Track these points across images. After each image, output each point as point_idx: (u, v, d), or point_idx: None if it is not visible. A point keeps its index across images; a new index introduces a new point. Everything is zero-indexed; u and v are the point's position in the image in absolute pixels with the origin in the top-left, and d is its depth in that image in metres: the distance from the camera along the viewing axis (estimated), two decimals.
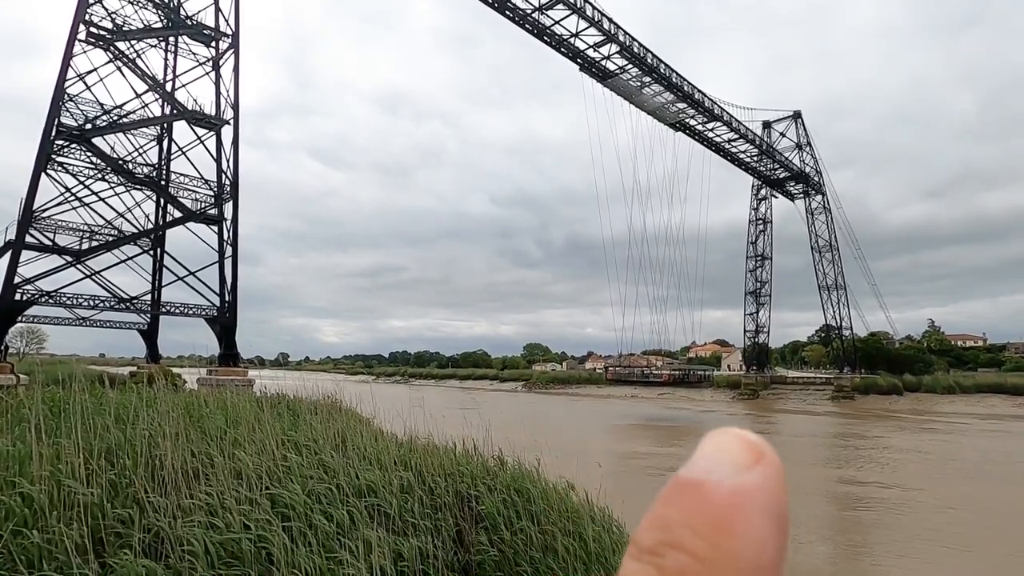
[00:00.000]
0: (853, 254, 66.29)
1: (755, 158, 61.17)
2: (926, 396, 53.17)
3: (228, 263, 28.85)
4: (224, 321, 28.34)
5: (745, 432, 0.35)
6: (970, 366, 69.47)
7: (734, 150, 58.68)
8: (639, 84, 46.32)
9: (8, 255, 23.97)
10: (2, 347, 23.73)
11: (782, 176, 64.35)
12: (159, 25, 29.18)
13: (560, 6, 37.75)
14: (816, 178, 65.40)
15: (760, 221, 66.52)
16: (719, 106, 52.43)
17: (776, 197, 66.86)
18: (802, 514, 13.89)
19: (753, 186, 66.83)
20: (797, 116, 65.82)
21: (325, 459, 5.89)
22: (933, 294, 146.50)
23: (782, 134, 65.67)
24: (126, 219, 29.29)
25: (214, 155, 29.32)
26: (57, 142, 25.29)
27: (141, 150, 30.02)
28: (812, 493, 16.04)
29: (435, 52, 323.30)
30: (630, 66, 44.07)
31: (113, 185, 28.52)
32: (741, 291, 67.10)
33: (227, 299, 28.60)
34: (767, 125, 65.62)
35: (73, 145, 25.97)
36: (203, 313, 28.54)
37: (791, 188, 66.03)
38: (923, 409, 47.69)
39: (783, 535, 0.32)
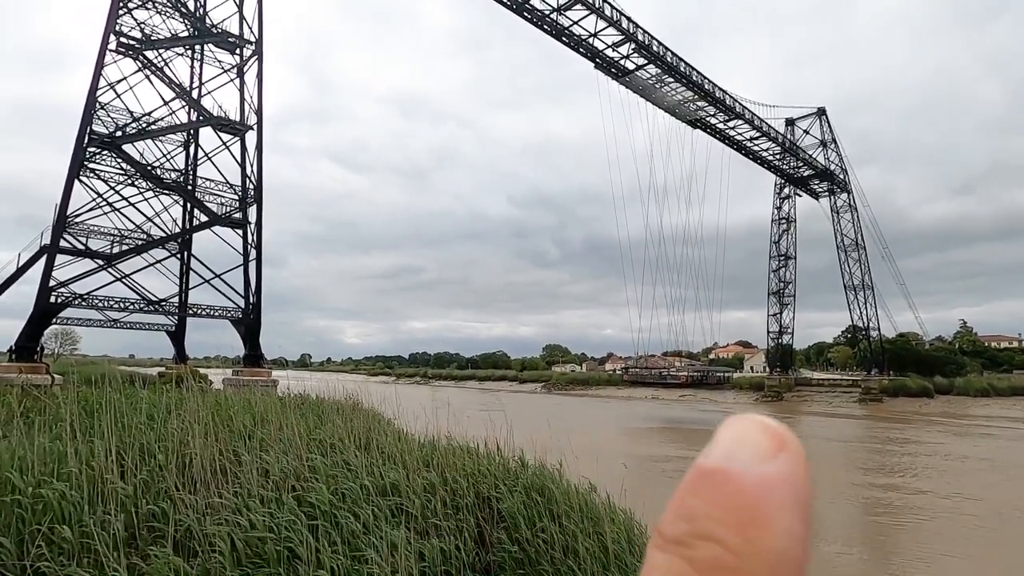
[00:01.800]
0: (880, 253, 64.74)
1: (778, 156, 60.18)
2: (958, 399, 51.63)
3: (252, 266, 29.40)
4: (249, 323, 28.87)
5: (766, 419, 0.34)
6: (1005, 368, 67.22)
7: (756, 148, 57.82)
8: (658, 83, 45.96)
9: (43, 259, 24.77)
10: (38, 348, 24.52)
11: (806, 174, 63.18)
12: (186, 34, 29.89)
13: (578, 6, 37.65)
14: (841, 176, 64.08)
15: (783, 220, 65.38)
16: (740, 104, 51.72)
17: (800, 195, 65.68)
18: (855, 528, 13.62)
19: (776, 184, 65.75)
20: (821, 113, 64.58)
21: (349, 459, 5.98)
22: (965, 293, 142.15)
23: (805, 131, 64.51)
24: (155, 223, 30.10)
25: (239, 160, 29.93)
26: (89, 149, 26.05)
27: (169, 156, 30.79)
28: (850, 500, 15.71)
29: (449, 53, 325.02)
30: (649, 65, 43.75)
31: (142, 190, 29.30)
32: (764, 291, 66.06)
33: (251, 301, 29.13)
34: (790, 122, 64.53)
35: (104, 152, 26.74)
36: (228, 315, 29.12)
37: (815, 186, 64.79)
38: (956, 412, 46.34)
39: (808, 528, 0.31)
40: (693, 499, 0.31)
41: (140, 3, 28.12)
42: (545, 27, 39.25)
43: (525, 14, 38.02)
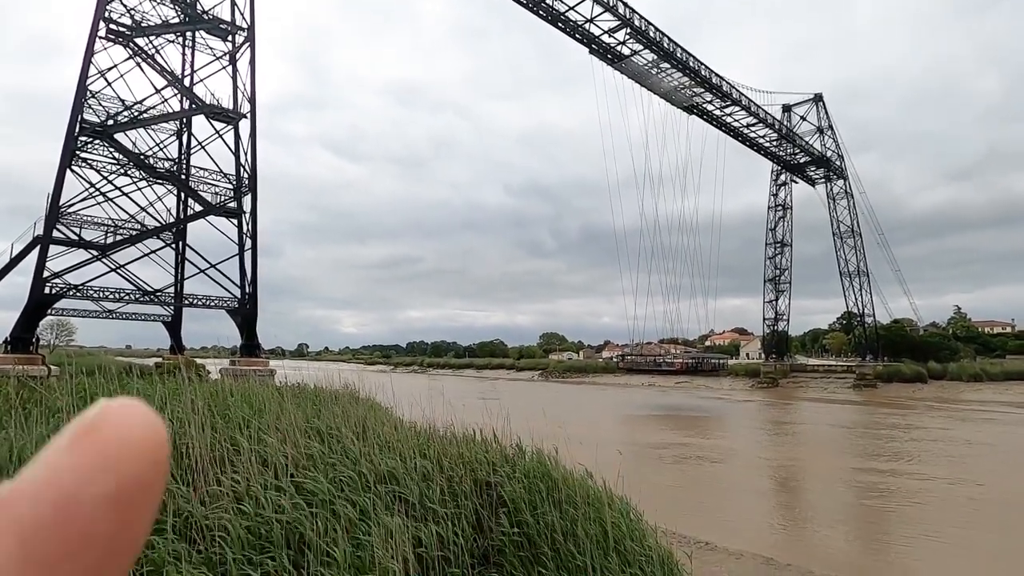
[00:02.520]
0: (876, 240, 64.96)
1: (774, 143, 60.05)
2: (951, 384, 52.13)
3: (248, 255, 29.26)
4: (245, 312, 28.80)
5: (99, 406, 0.28)
6: (998, 353, 67.82)
7: (752, 135, 57.64)
8: (654, 69, 45.64)
9: (37, 250, 24.60)
10: (34, 339, 24.43)
11: (803, 161, 63.11)
12: (176, 20, 29.45)
13: None
14: (838, 162, 64.03)
15: (780, 207, 65.41)
16: (737, 90, 51.48)
17: (796, 182, 65.65)
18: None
19: (772, 171, 65.69)
20: (818, 99, 64.35)
21: (347, 447, 6.00)
22: (959, 280, 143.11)
23: (803, 118, 64.32)
24: (148, 213, 29.84)
25: (232, 149, 29.66)
26: (81, 138, 25.76)
27: (161, 145, 30.46)
28: (844, 485, 15.88)
29: (447, 43, 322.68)
30: (645, 51, 43.43)
31: (135, 180, 29.02)
32: (760, 278, 66.30)
33: (248, 291, 29.03)
34: (787, 109, 64.32)
35: (96, 141, 26.44)
36: (225, 305, 29.03)
37: (812, 173, 64.75)
38: (949, 397, 46.78)
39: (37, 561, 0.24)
40: None
41: None
42: (541, 12, 38.86)
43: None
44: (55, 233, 24.96)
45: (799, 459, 20.01)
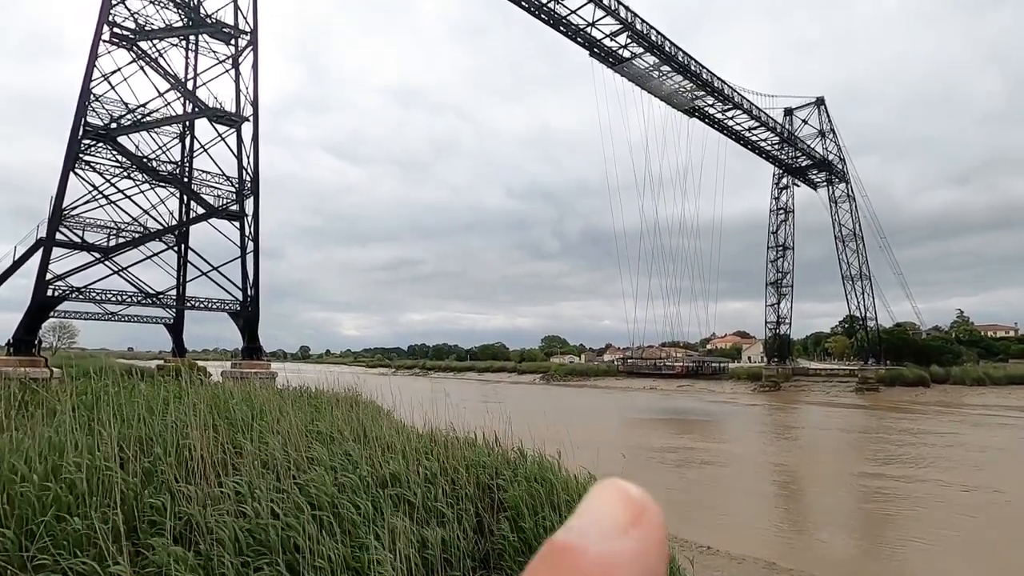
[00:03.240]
0: (878, 243, 64.79)
1: (776, 146, 59.99)
2: (954, 388, 51.92)
3: (250, 258, 29.31)
4: (247, 315, 28.82)
5: (627, 486, 0.33)
6: (1001, 357, 67.55)
7: (754, 138, 57.60)
8: (655, 71, 45.68)
9: (40, 252, 24.67)
10: (36, 342, 24.47)
11: (804, 164, 63.07)
12: (180, 24, 29.59)
13: None
14: (840, 166, 63.98)
15: (781, 211, 65.36)
16: (739, 93, 51.47)
17: (798, 185, 65.60)
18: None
19: (774, 175, 65.66)
20: (820, 102, 64.36)
21: (348, 449, 6.00)
22: (961, 283, 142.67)
23: (804, 121, 64.33)
24: (151, 216, 29.94)
25: (235, 152, 29.74)
26: (84, 141, 25.86)
27: (164, 148, 30.58)
28: (844, 489, 15.80)
29: (446, 44, 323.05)
30: (646, 54, 43.50)
31: (138, 183, 29.13)
32: (762, 282, 66.19)
33: (250, 294, 29.07)
34: (788, 112, 64.32)
35: (99, 144, 26.54)
36: (227, 308, 29.07)
37: (814, 176, 64.70)
38: (951, 401, 46.59)
39: None
40: None
41: None
42: (543, 16, 38.95)
43: (523, 3, 37.70)
44: (58, 236, 25.03)
45: (801, 463, 19.94)
